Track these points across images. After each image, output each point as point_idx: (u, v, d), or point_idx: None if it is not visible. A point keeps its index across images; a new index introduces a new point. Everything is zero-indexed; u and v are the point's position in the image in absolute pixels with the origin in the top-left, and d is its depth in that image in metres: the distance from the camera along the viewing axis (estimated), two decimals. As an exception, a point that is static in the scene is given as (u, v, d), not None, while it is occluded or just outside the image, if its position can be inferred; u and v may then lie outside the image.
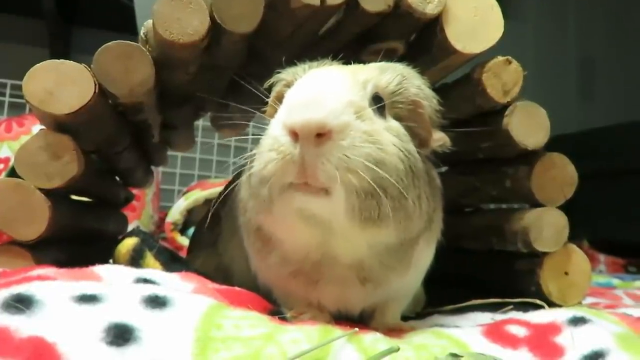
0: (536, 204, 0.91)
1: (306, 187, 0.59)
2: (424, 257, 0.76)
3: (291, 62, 0.74)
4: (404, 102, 0.69)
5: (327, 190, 0.59)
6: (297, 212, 0.61)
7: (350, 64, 0.72)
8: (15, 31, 2.56)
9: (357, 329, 0.59)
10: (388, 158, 0.61)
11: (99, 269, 0.70)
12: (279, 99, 0.69)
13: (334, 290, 0.69)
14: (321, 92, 0.60)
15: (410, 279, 0.76)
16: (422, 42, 0.91)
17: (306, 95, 0.60)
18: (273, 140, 0.60)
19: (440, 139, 0.72)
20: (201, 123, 2.53)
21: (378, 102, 0.66)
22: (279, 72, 0.74)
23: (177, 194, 2.70)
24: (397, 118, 0.69)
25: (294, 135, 0.58)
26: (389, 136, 0.64)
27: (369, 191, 0.59)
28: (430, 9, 0.83)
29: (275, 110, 0.66)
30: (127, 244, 0.91)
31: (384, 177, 0.60)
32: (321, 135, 0.57)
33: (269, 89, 0.75)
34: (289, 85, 0.70)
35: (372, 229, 0.62)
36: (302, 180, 0.59)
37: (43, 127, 0.81)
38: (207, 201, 2.25)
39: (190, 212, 2.29)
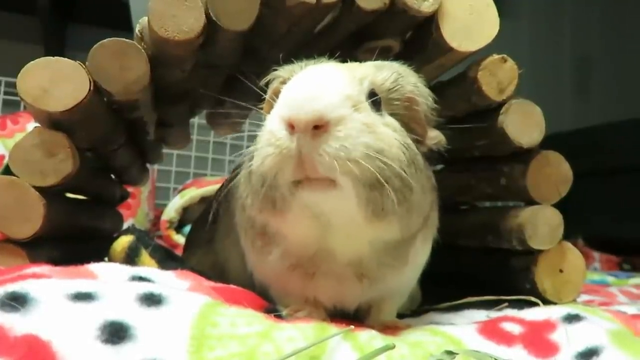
0: (531, 202, 0.91)
1: (313, 183, 0.59)
2: (421, 254, 0.76)
3: (287, 60, 0.74)
4: (400, 99, 0.69)
5: (335, 183, 0.59)
6: (310, 209, 0.61)
7: (347, 62, 0.73)
8: (9, 28, 2.54)
9: (352, 326, 0.59)
10: (388, 148, 0.61)
11: (94, 266, 0.69)
12: (276, 95, 0.69)
13: (330, 285, 0.69)
14: (318, 86, 0.60)
15: (406, 275, 0.76)
16: (417, 40, 0.91)
17: (303, 88, 0.60)
18: (269, 135, 0.60)
19: (435, 137, 0.72)
20: (197, 121, 2.52)
21: (374, 99, 0.66)
22: (275, 70, 0.74)
23: (173, 192, 2.69)
24: (393, 115, 0.68)
25: (291, 128, 0.58)
26: (387, 129, 0.64)
27: (372, 181, 0.59)
28: (426, 7, 0.83)
29: (272, 107, 0.66)
30: (123, 242, 0.91)
31: (386, 166, 0.59)
32: (318, 127, 0.57)
33: (266, 87, 0.75)
34: (285, 82, 0.70)
35: (376, 223, 0.62)
36: (301, 176, 0.59)
37: (37, 124, 0.80)
38: (203, 199, 2.25)
39: (185, 210, 2.29)
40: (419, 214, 0.67)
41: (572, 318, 0.69)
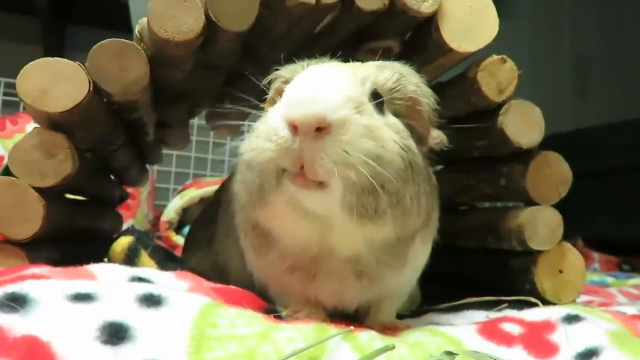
0: (531, 203, 0.91)
1: (301, 180, 0.59)
2: (420, 254, 0.76)
3: (287, 61, 0.74)
4: (402, 99, 0.69)
5: (323, 184, 0.59)
6: (293, 205, 0.61)
7: (348, 62, 0.73)
8: (8, 29, 2.54)
9: (352, 327, 0.59)
10: (387, 154, 0.61)
11: (93, 267, 0.69)
12: (279, 94, 0.69)
13: (330, 285, 0.70)
14: (321, 87, 0.60)
15: (406, 276, 0.76)
16: (417, 41, 0.92)
17: (306, 89, 0.60)
18: (270, 130, 0.60)
19: (437, 137, 0.73)
20: (196, 121, 2.53)
21: (377, 99, 0.66)
22: (277, 69, 0.74)
23: (172, 193, 2.69)
24: (396, 115, 0.69)
25: (294, 129, 0.58)
26: (388, 132, 0.64)
27: (366, 187, 0.59)
28: (425, 8, 0.83)
29: (275, 103, 0.66)
30: (122, 243, 0.91)
31: (382, 172, 0.60)
32: (321, 129, 0.57)
33: (267, 87, 0.75)
34: (287, 81, 0.70)
35: (368, 225, 0.62)
36: (297, 168, 0.59)
37: (37, 125, 0.80)
38: (203, 200, 2.25)
39: (185, 211, 2.29)
40: (416, 215, 0.67)
41: (571, 318, 0.69)
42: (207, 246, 1.01)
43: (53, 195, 0.80)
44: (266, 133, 0.61)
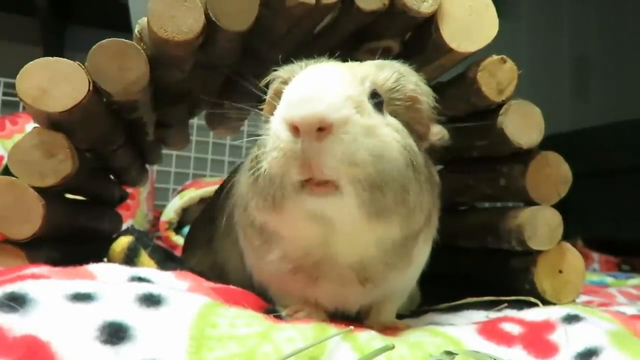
0: (531, 203, 0.91)
1: (317, 189, 0.59)
2: (422, 254, 0.76)
3: (287, 61, 0.74)
4: (402, 98, 0.69)
5: (337, 187, 0.59)
6: (309, 213, 0.61)
7: (347, 62, 0.73)
8: (8, 29, 2.54)
9: (352, 327, 0.59)
10: (388, 152, 0.61)
11: (93, 267, 0.69)
12: (277, 96, 0.69)
13: (332, 289, 0.69)
14: (320, 87, 0.60)
15: (408, 276, 0.76)
16: (417, 41, 0.92)
17: (306, 89, 0.60)
18: (275, 138, 0.60)
19: (438, 133, 0.73)
20: (196, 121, 2.53)
21: (376, 99, 0.66)
22: (275, 70, 0.74)
23: (172, 193, 2.69)
24: (395, 115, 0.69)
25: (295, 130, 0.58)
26: (388, 131, 0.64)
27: (373, 184, 0.59)
28: (425, 8, 0.83)
29: (273, 107, 0.66)
30: (122, 243, 0.91)
31: (385, 170, 0.60)
32: (322, 129, 0.57)
33: (266, 87, 0.75)
34: (286, 82, 0.70)
35: (379, 224, 0.62)
36: (306, 176, 0.59)
37: (37, 125, 0.80)
38: (202, 200, 2.25)
39: (185, 211, 2.29)
40: (420, 212, 0.68)
41: (571, 318, 0.69)
42: (207, 246, 1.01)
43: (53, 195, 0.80)
44: (272, 143, 0.61)
